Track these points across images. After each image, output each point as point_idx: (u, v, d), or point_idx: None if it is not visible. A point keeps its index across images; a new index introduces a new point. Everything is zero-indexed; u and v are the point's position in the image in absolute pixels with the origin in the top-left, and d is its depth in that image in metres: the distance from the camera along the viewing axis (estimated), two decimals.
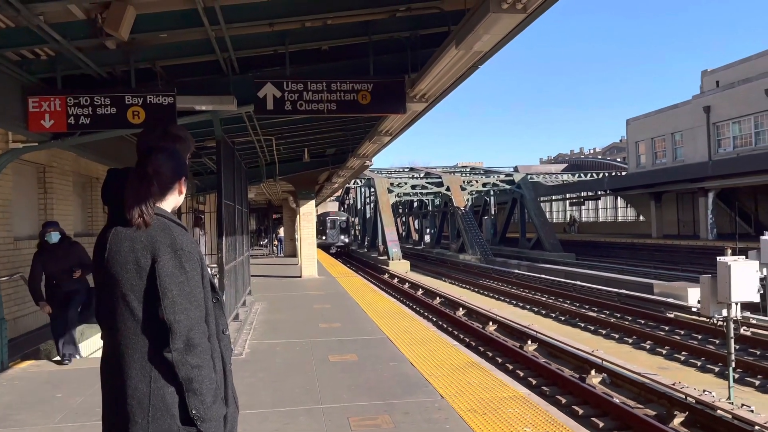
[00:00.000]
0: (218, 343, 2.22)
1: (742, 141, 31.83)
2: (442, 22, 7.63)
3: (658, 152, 39.49)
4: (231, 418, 2.24)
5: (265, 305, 12.95)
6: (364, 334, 9.41)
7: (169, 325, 2.01)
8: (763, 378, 10.03)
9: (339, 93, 7.80)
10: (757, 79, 30.16)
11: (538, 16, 5.86)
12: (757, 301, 9.15)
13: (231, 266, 9.85)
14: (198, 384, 2.03)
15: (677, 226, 37.25)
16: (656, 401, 8.68)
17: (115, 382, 2.12)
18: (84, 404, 5.88)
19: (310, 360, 7.70)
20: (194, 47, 7.68)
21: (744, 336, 12.48)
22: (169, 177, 2.20)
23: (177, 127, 2.43)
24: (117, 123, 7.51)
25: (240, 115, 10.74)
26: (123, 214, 2.10)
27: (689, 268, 26.30)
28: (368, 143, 13.90)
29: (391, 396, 5.96)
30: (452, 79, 7.77)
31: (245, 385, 6.40)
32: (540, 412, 5.32)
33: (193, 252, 2.10)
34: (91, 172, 12.71)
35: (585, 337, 14.40)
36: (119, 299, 2.09)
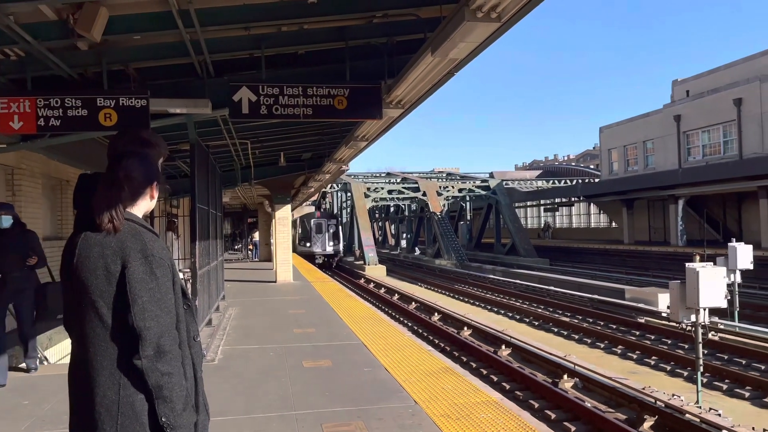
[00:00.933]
0: (189, 350, 2.20)
1: (711, 150, 32.56)
2: (419, 29, 7.68)
3: (630, 160, 40.17)
4: (202, 425, 2.22)
5: (239, 310, 12.84)
6: (339, 339, 9.39)
7: (139, 331, 1.98)
8: (731, 382, 10.24)
9: (315, 98, 7.80)
10: (726, 90, 30.91)
11: (512, 25, 5.93)
12: (725, 306, 9.35)
13: (204, 271, 9.75)
14: (168, 391, 2.01)
15: (648, 233, 37.91)
16: (627, 405, 8.80)
17: (83, 389, 2.08)
18: (51, 412, 5.76)
19: (284, 366, 7.65)
20: (168, 50, 7.61)
21: (712, 341, 12.74)
22: (140, 182, 2.18)
23: (149, 132, 2.40)
24: (88, 125, 7.39)
25: (215, 119, 10.67)
26: (92, 219, 2.08)
27: (660, 273, 26.77)
28: (345, 148, 13.90)
29: (365, 402, 5.95)
30: (428, 85, 7.82)
31: (217, 391, 6.33)
32: (512, 417, 5.36)
33: (164, 258, 2.08)
34: (61, 175, 12.48)
35: (558, 341, 14.55)
36: (88, 306, 2.05)
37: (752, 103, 29.25)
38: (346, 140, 13.31)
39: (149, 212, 2.30)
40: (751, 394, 9.68)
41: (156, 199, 2.27)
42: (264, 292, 16.81)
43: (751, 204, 29.45)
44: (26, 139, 8.20)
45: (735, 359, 11.79)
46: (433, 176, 51.10)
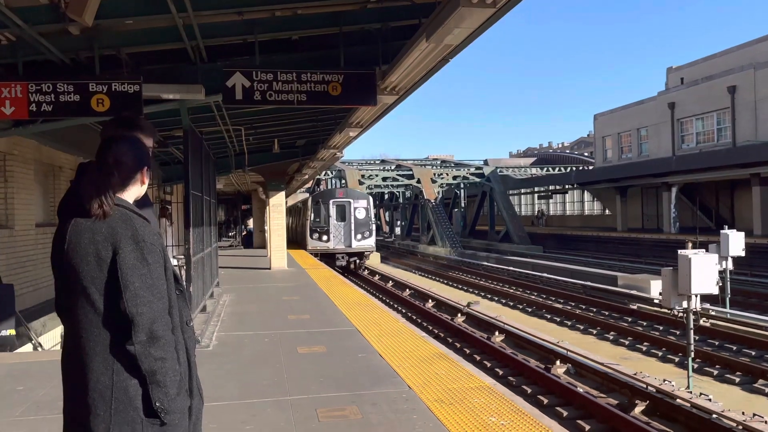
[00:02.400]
0: (182, 335, 2.21)
1: (705, 137, 32.65)
2: (413, 14, 7.64)
3: (624, 147, 40.24)
4: (196, 409, 2.24)
5: (234, 297, 12.85)
6: (333, 325, 9.42)
7: (131, 317, 1.99)
8: (721, 368, 10.35)
9: (309, 84, 7.76)
10: (720, 77, 30.93)
11: (507, 11, 5.92)
12: (716, 293, 9.43)
13: (198, 257, 9.74)
14: (162, 376, 2.02)
15: (641, 220, 38.07)
16: (618, 390, 8.89)
17: (76, 374, 2.09)
18: (46, 397, 5.76)
19: (279, 352, 7.67)
20: (161, 34, 7.55)
21: (703, 327, 12.85)
22: (130, 167, 2.17)
23: (139, 117, 2.39)
24: (80, 111, 7.34)
25: (208, 105, 10.60)
26: (82, 205, 2.07)
27: (652, 260, 26.94)
28: (339, 135, 13.86)
29: (359, 387, 5.99)
30: (423, 71, 7.80)
31: (212, 377, 6.35)
32: (505, 402, 5.41)
33: (155, 244, 2.08)
34: (54, 161, 12.40)
35: (551, 328, 14.66)
36: (80, 292, 2.05)
37: (746, 91, 29.29)
38: (341, 127, 13.27)
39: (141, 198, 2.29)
40: (742, 380, 9.79)
41: (147, 185, 2.26)
42: (258, 278, 16.83)
43: (743, 191, 29.60)
44: (18, 125, 8.13)
45: (726, 345, 11.91)
46: (428, 163, 51.07)
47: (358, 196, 26.86)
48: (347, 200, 25.97)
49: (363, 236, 25.63)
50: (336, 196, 26.29)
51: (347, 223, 25.67)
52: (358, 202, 26.00)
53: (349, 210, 25.70)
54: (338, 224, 25.58)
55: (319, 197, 26.60)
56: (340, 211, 25.78)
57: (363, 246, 25.73)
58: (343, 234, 25.59)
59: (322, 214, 25.74)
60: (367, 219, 25.85)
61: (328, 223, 25.51)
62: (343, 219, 25.64)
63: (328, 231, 25.47)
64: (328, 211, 25.63)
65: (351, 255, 25.77)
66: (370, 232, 25.86)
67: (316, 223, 25.71)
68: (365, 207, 26.00)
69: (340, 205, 25.83)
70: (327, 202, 25.79)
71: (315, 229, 25.65)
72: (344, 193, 26.89)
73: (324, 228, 25.54)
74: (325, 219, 25.64)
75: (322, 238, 25.47)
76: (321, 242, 25.47)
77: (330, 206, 25.66)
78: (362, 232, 25.63)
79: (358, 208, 25.71)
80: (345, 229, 25.57)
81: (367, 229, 25.82)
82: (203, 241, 10.83)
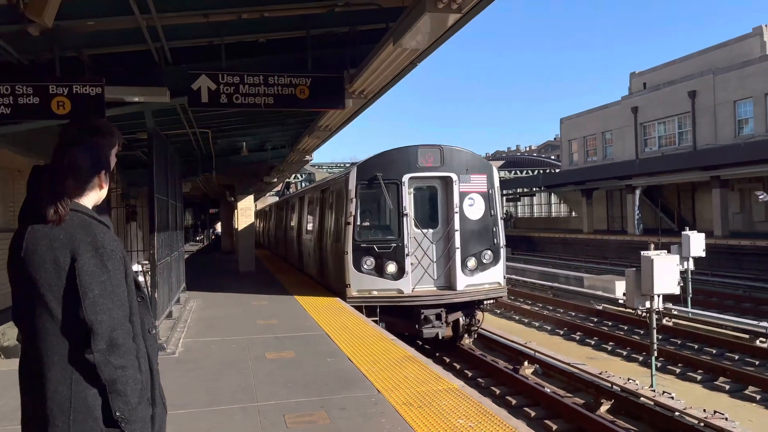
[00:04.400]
0: (144, 343, 2.17)
1: (667, 141, 33.47)
2: (381, 18, 7.67)
3: (589, 150, 40.98)
4: (159, 418, 2.20)
5: (201, 302, 12.67)
6: (302, 330, 9.36)
7: (91, 325, 1.95)
8: (684, 366, 10.60)
9: (277, 87, 7.73)
10: (681, 82, 31.76)
11: (473, 17, 5.98)
12: (678, 293, 9.66)
13: (164, 262, 9.58)
14: (122, 385, 1.98)
15: (607, 222, 38.80)
16: (585, 390, 9.04)
17: (34, 385, 2.04)
18: (4, 407, 5.60)
19: (247, 358, 7.59)
20: (124, 36, 7.42)
21: (666, 326, 13.14)
22: (86, 171, 2.12)
23: (100, 121, 2.34)
24: (40, 114, 7.18)
25: (174, 107, 10.46)
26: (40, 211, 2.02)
27: (617, 262, 27.46)
28: (308, 138, 13.82)
29: (328, 392, 5.96)
30: (390, 75, 7.83)
31: (178, 384, 6.25)
32: (473, 404, 5.45)
33: (115, 250, 2.04)
34: (13, 165, 12.07)
35: (519, 329, 14.82)
36: (37, 300, 2.00)
37: (706, 96, 30.12)
38: (310, 130, 13.23)
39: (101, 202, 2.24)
40: (703, 377, 10.04)
41: (106, 189, 2.22)
42: (227, 283, 16.63)
43: (704, 194, 30.41)
44: None
45: (688, 344, 12.21)
46: None
47: (469, 164, 11.47)
48: (444, 175, 11.31)
49: (480, 261, 11.31)
50: (417, 164, 11.24)
51: (444, 233, 11.27)
52: (471, 180, 11.36)
53: (449, 199, 11.31)
54: (421, 235, 11.21)
55: (370, 167, 11.35)
56: (427, 201, 11.62)
57: (480, 284, 11.27)
58: (436, 258, 11.23)
59: (381, 210, 11.51)
60: (487, 218, 11.42)
61: (399, 234, 11.11)
62: (432, 222, 11.44)
63: (401, 252, 11.03)
64: (399, 202, 11.09)
65: (453, 308, 11.24)
66: (493, 249, 11.41)
67: (366, 234, 11.31)
68: (484, 190, 11.39)
69: (427, 187, 11.55)
70: (396, 182, 11.12)
71: (365, 247, 11.15)
72: (437, 158, 11.33)
73: (388, 245, 11.08)
74: (390, 226, 11.38)
75: (386, 270, 11.03)
76: (383, 279, 11.07)
77: (402, 190, 11.11)
78: (478, 252, 11.31)
79: (469, 194, 11.32)
80: (439, 248, 11.25)
81: (488, 242, 11.39)
82: (170, 245, 10.67)
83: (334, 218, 12.38)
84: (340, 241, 11.54)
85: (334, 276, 12.17)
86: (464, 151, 11.55)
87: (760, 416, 8.42)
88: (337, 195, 12.30)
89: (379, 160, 11.42)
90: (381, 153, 11.57)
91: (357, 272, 10.99)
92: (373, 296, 10.92)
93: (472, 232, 11.16)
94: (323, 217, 13.68)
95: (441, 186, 11.34)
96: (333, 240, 12.31)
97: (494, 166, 11.92)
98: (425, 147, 11.20)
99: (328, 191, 13.34)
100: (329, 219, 12.90)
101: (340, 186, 11.98)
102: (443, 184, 11.32)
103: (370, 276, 10.98)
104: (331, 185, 13.27)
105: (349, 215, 11.05)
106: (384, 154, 11.49)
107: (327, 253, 12.95)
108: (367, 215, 11.50)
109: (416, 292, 10.89)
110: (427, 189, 11.46)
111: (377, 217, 11.59)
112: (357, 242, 11.01)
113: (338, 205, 12.00)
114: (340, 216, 11.74)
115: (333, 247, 12.28)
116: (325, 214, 13.52)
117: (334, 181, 13.24)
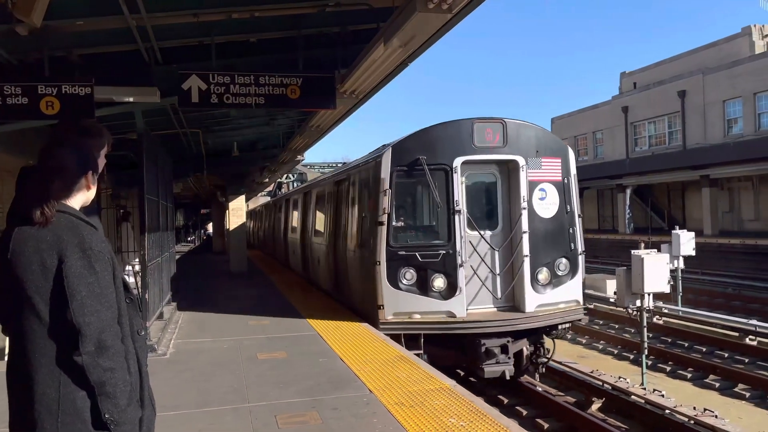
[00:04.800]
0: (133, 344, 2.16)
1: (657, 140, 33.66)
2: (372, 18, 7.68)
3: (580, 150, 41.13)
4: (147, 420, 2.19)
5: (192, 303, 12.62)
6: (294, 330, 9.34)
7: (79, 327, 1.94)
8: (674, 364, 10.67)
9: (267, 87, 7.71)
10: (670, 82, 31.96)
11: (464, 17, 5.99)
12: (668, 291, 9.72)
13: (155, 263, 9.54)
14: (111, 387, 1.97)
15: (598, 221, 38.98)
16: (576, 389, 9.08)
17: (21, 387, 2.03)
18: None
19: (238, 358, 7.57)
20: (114, 36, 7.39)
21: (657, 325, 13.23)
22: (73, 172, 2.12)
23: (89, 121, 2.34)
24: (29, 114, 7.13)
25: (164, 108, 10.42)
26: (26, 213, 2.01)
27: (608, 260, 27.59)
28: (300, 138, 13.81)
29: (320, 392, 5.95)
30: (381, 75, 7.84)
31: (169, 386, 6.22)
32: (465, 403, 5.46)
33: (103, 251, 2.03)
34: (2, 165, 11.98)
35: None
36: (24, 302, 1.99)
37: (695, 95, 30.33)
38: (301, 130, 13.22)
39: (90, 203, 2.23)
40: (693, 375, 10.11)
41: (95, 190, 2.21)
42: (218, 283, 16.58)
43: (693, 193, 30.61)
44: None
45: (678, 342, 12.29)
46: None
47: (540, 144, 8.89)
48: (508, 158, 8.74)
49: (554, 273, 8.82)
50: (473, 143, 8.57)
51: (507, 236, 8.77)
52: (542, 165, 8.83)
53: (514, 190, 8.81)
54: (476, 238, 8.62)
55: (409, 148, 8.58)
56: (483, 194, 9.11)
57: (554, 303, 8.80)
58: (499, 269, 8.72)
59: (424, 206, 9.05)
60: (562, 216, 8.89)
61: (449, 237, 8.45)
62: (490, 221, 8.94)
63: (453, 262, 8.38)
64: (449, 194, 8.47)
65: (517, 336, 8.55)
66: (570, 257, 8.98)
67: (405, 238, 8.73)
68: (558, 179, 8.90)
69: (485, 174, 9.01)
70: (445, 167, 8.47)
71: (404, 255, 8.47)
72: (498, 136, 8.64)
73: (435, 253, 8.43)
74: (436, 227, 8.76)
75: (432, 286, 8.35)
76: (427, 297, 8.39)
77: (453, 178, 8.46)
78: (551, 261, 8.81)
79: (540, 183, 8.77)
80: (501, 256, 8.73)
81: (563, 248, 8.92)
82: (161, 246, 10.62)
83: (357, 217, 9.72)
84: (367, 247, 8.88)
85: (360, 293, 9.52)
86: (534, 126, 8.98)
87: (750, 413, 8.50)
88: (361, 186, 9.69)
89: (421, 138, 8.62)
90: (423, 129, 8.79)
91: (393, 288, 8.35)
92: (414, 321, 8.37)
93: (545, 234, 8.66)
94: (340, 216, 11.05)
95: (502, 173, 8.86)
96: (357, 245, 9.59)
97: (566, 146, 9.30)
98: (483, 121, 8.58)
99: (348, 183, 10.62)
100: (350, 218, 10.24)
101: (367, 174, 9.28)
102: (505, 171, 8.84)
103: (411, 294, 8.38)
104: (351, 175, 10.53)
105: (382, 212, 8.37)
106: (427, 131, 8.70)
107: (347, 261, 10.22)
108: (405, 212, 8.96)
109: (472, 315, 8.36)
110: (484, 177, 8.96)
111: (419, 215, 9.11)
112: (393, 249, 8.38)
113: (364, 200, 9.47)
114: (367, 214, 9.10)
115: (357, 255, 9.53)
116: (342, 212, 10.92)
117: (356, 168, 10.34)
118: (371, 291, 8.68)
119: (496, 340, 8.17)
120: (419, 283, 8.39)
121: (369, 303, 8.88)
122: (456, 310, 8.27)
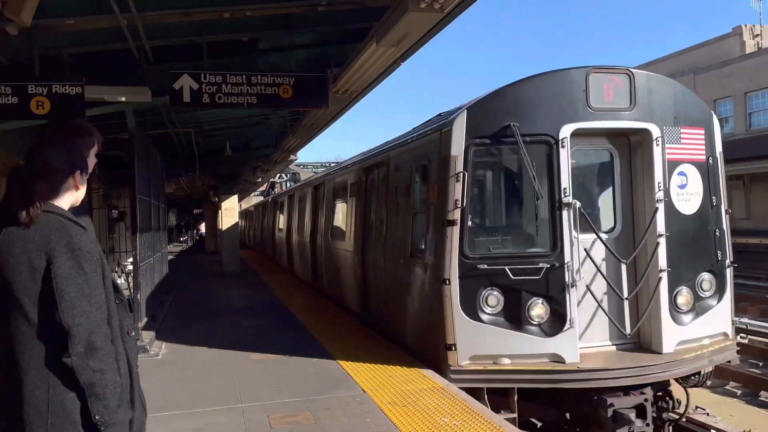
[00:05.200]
0: (123, 345, 2.15)
1: None
2: (364, 18, 7.66)
3: None
4: (138, 422, 2.19)
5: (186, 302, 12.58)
6: (287, 330, 9.33)
7: (68, 328, 1.93)
8: None
9: (259, 86, 7.69)
10: None
11: (456, 16, 6.01)
12: None
13: (147, 263, 9.51)
14: (101, 389, 1.96)
15: None
16: None
17: (10, 389, 2.02)
18: None
19: (231, 359, 7.55)
20: (105, 35, 7.35)
21: None
22: (61, 172, 2.10)
23: (78, 120, 2.32)
24: (19, 114, 7.09)
25: (156, 107, 10.37)
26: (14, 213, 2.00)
27: None
28: (293, 137, 13.79)
29: (313, 392, 5.95)
30: (374, 75, 7.82)
31: (161, 386, 6.19)
32: (458, 402, 5.46)
33: (92, 252, 2.02)
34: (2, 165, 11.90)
35: None
36: (12, 303, 1.98)
37: None
38: (294, 129, 13.20)
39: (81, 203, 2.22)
40: None
41: (84, 190, 2.19)
42: (211, 283, 16.53)
43: None
44: None
45: None
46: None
47: (679, 109, 6.24)
48: (638, 126, 6.05)
49: (696, 294, 6.21)
50: (588, 104, 5.90)
51: (631, 241, 6.24)
52: (682, 138, 6.18)
53: (645, 173, 6.15)
54: (588, 244, 5.99)
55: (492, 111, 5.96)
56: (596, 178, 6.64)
57: (697, 339, 6.20)
58: (627, 291, 6.10)
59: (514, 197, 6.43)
60: (706, 211, 6.30)
61: (553, 244, 5.87)
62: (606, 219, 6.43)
63: (560, 280, 5.78)
64: (554, 179, 5.87)
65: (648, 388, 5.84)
66: (716, 271, 6.33)
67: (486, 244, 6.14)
68: (702, 158, 6.33)
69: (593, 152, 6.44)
70: (547, 139, 5.86)
71: (487, 270, 5.81)
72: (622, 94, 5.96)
73: (534, 266, 5.81)
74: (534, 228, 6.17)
75: (528, 317, 5.81)
76: (520, 333, 5.82)
77: (560, 155, 5.83)
78: (692, 278, 6.21)
79: (680, 164, 6.17)
80: (629, 272, 6.15)
81: (707, 258, 6.31)
82: (153, 246, 10.58)
83: (403, 215, 7.17)
84: (426, 258, 6.38)
85: (413, 324, 6.93)
86: (672, 82, 6.59)
87: (741, 411, 8.54)
88: (411, 171, 7.02)
89: (510, 97, 6.04)
90: (511, 85, 6.11)
91: (470, 320, 5.82)
92: (504, 370, 5.83)
93: (683, 238, 6.15)
94: (372, 214, 8.52)
95: (621, 148, 6.28)
96: (407, 254, 6.92)
97: (710, 112, 6.82)
98: (601, 70, 6.01)
99: (387, 168, 7.91)
100: (391, 216, 7.63)
101: (424, 153, 6.67)
102: (624, 145, 6.28)
103: (497, 328, 5.86)
104: (391, 157, 7.81)
105: (453, 207, 5.84)
106: (518, 87, 6.07)
107: (388, 276, 7.68)
108: (487, 207, 6.57)
109: (586, 358, 5.83)
110: (595, 155, 6.46)
111: (508, 210, 6.58)
112: (470, 261, 5.84)
113: (416, 190, 6.94)
114: (425, 210, 6.61)
115: (407, 269, 6.93)
116: (376, 208, 8.34)
117: (401, 148, 7.62)
118: (434, 323, 6.17)
119: (627, 399, 5.67)
120: (509, 313, 5.86)
121: (429, 340, 6.40)
122: (565, 352, 5.75)
